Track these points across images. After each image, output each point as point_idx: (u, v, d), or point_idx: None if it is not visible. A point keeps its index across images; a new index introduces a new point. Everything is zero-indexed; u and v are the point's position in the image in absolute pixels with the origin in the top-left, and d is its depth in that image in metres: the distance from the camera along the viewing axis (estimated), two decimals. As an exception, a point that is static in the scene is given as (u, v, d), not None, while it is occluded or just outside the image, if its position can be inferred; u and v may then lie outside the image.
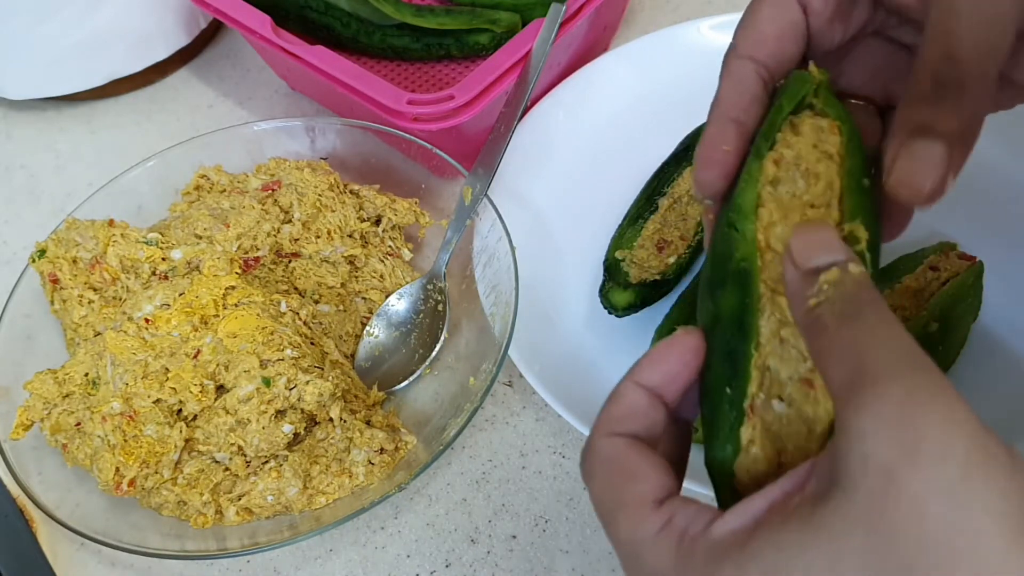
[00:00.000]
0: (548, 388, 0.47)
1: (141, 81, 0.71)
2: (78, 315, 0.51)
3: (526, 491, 0.48)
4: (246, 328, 0.48)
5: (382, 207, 0.56)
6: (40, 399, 0.48)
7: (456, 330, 0.53)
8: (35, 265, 0.52)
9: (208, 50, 0.75)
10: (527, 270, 0.52)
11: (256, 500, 0.46)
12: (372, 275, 0.54)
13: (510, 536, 0.47)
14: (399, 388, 0.51)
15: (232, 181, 0.57)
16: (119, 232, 0.52)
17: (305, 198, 0.54)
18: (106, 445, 0.46)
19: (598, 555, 0.46)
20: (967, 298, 0.48)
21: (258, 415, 0.46)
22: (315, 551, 0.48)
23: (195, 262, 0.51)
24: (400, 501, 0.49)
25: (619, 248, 0.52)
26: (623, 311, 0.50)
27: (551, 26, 0.53)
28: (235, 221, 0.52)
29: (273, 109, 0.69)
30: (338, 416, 0.47)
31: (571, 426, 0.46)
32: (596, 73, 0.61)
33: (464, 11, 0.64)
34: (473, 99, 0.52)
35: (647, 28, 0.64)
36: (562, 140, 0.58)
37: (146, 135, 0.69)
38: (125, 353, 0.48)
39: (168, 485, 0.46)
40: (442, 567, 0.46)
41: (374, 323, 0.53)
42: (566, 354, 0.50)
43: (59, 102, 0.71)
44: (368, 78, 0.53)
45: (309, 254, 0.54)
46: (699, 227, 0.53)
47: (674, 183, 0.54)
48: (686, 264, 0.52)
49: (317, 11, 0.65)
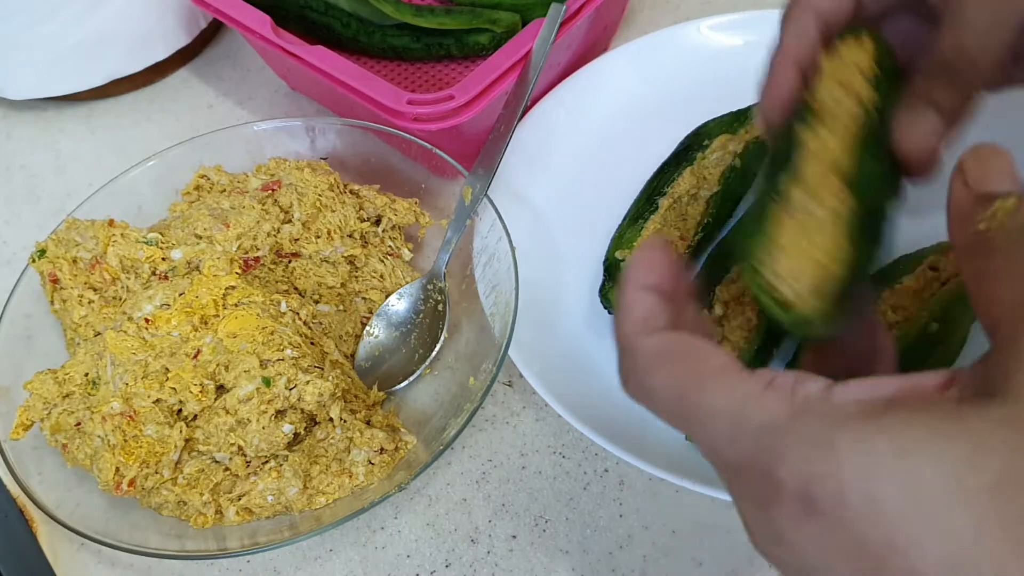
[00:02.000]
0: (548, 388, 0.47)
1: (141, 81, 0.71)
2: (78, 315, 0.51)
3: (526, 491, 0.48)
4: (246, 328, 0.48)
5: (382, 207, 0.56)
6: (40, 399, 0.48)
7: (456, 330, 0.53)
8: (35, 265, 0.52)
9: (208, 50, 0.75)
10: (527, 270, 0.52)
11: (256, 500, 0.46)
12: (372, 275, 0.54)
13: (510, 536, 0.47)
14: (399, 388, 0.51)
15: (232, 181, 0.57)
16: (119, 232, 0.52)
17: (305, 198, 0.54)
18: (106, 445, 0.46)
19: (598, 555, 0.46)
20: (966, 298, 0.48)
21: (258, 415, 0.46)
22: (315, 551, 0.48)
23: (195, 262, 0.51)
24: (400, 501, 0.49)
25: (619, 248, 0.52)
26: (623, 311, 0.50)
27: (551, 26, 0.53)
28: (235, 221, 0.52)
29: (273, 109, 0.69)
30: (338, 416, 0.47)
31: (571, 426, 0.46)
32: (596, 73, 0.61)
33: (464, 11, 0.64)
34: (473, 99, 0.52)
35: (647, 28, 0.64)
36: (562, 140, 0.58)
37: (146, 135, 0.69)
38: (125, 353, 0.48)
39: (168, 485, 0.46)
40: (442, 567, 0.46)
41: (374, 323, 0.53)
42: (566, 354, 0.50)
43: (59, 102, 0.71)
44: (368, 78, 0.53)
45: (309, 254, 0.54)
46: (699, 227, 0.53)
47: (674, 183, 0.54)
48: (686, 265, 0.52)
49: (317, 11, 0.65)
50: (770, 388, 0.24)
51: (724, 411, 0.24)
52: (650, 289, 0.29)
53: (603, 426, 0.45)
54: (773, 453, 0.23)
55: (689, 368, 0.26)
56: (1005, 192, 0.25)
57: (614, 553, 0.45)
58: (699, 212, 0.53)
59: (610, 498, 0.47)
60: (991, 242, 0.25)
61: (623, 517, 0.47)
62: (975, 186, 0.26)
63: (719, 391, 0.25)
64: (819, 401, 0.23)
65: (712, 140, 0.56)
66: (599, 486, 0.48)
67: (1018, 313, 0.23)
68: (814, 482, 0.22)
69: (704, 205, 0.54)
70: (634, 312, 0.28)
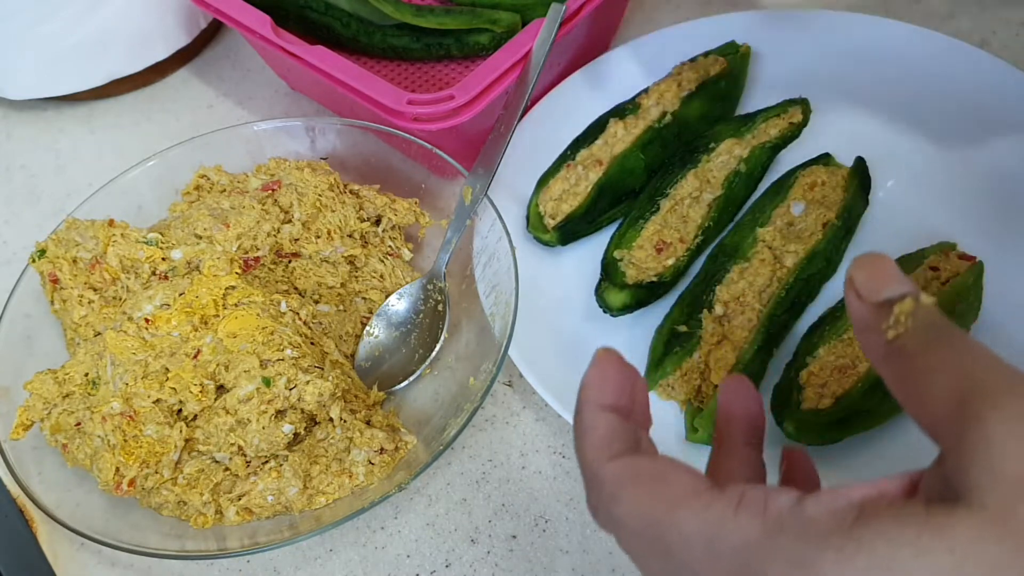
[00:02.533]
0: (548, 388, 0.47)
1: (141, 81, 0.71)
2: (78, 315, 0.51)
3: (526, 491, 0.48)
4: (246, 328, 0.48)
5: (382, 207, 0.56)
6: (40, 399, 0.48)
7: (456, 330, 0.53)
8: (35, 265, 0.52)
9: (208, 50, 0.75)
10: (527, 270, 0.52)
11: (256, 500, 0.46)
12: (372, 275, 0.54)
13: (510, 536, 0.47)
14: (399, 388, 0.51)
15: (232, 181, 0.57)
16: (119, 232, 0.52)
17: (305, 198, 0.54)
18: (106, 445, 0.46)
19: (598, 555, 0.46)
20: (967, 298, 0.48)
21: (258, 415, 0.46)
22: (315, 551, 0.48)
23: (195, 262, 0.51)
24: (400, 501, 0.49)
25: (618, 248, 0.53)
26: (618, 311, 0.50)
27: (551, 26, 0.53)
28: (235, 221, 0.52)
29: (273, 109, 0.69)
30: (338, 416, 0.47)
31: (571, 426, 0.45)
32: (596, 73, 0.61)
33: (464, 11, 0.64)
34: (473, 99, 0.52)
35: (647, 28, 0.64)
36: (562, 140, 0.58)
37: (146, 135, 0.69)
38: (125, 353, 0.48)
39: (168, 485, 0.46)
40: (442, 567, 0.46)
41: (374, 323, 0.53)
42: (566, 354, 0.50)
43: (59, 102, 0.71)
44: (368, 78, 0.53)
45: (309, 254, 0.54)
46: (699, 230, 0.53)
47: (677, 184, 0.54)
48: (683, 267, 0.52)
49: (317, 11, 0.65)
50: (741, 507, 0.24)
51: (698, 535, 0.24)
52: (608, 408, 0.28)
53: (603, 426, 0.45)
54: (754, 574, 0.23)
55: (656, 493, 0.25)
56: (899, 295, 0.25)
57: (614, 553, 0.45)
58: (700, 215, 0.53)
59: (610, 498, 0.47)
60: (905, 349, 0.24)
61: (623, 517, 0.47)
62: (869, 297, 0.26)
63: (690, 515, 0.24)
64: (792, 516, 0.23)
65: (718, 143, 0.56)
66: (599, 486, 0.48)
67: (953, 411, 0.23)
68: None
69: (706, 208, 0.54)
70: (593, 435, 0.27)
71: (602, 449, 0.27)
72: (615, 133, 0.57)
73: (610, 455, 0.27)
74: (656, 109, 0.58)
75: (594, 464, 0.27)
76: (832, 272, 0.52)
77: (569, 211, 0.55)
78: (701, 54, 0.60)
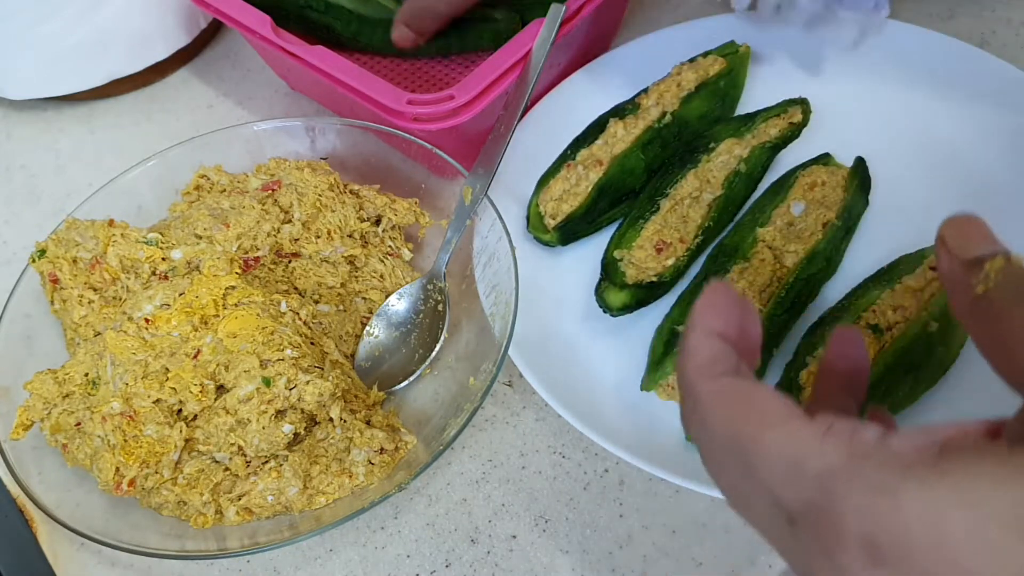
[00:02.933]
0: (548, 388, 0.47)
1: (141, 81, 0.71)
2: (78, 315, 0.51)
3: (526, 491, 0.48)
4: (246, 328, 0.48)
5: (382, 207, 0.56)
6: (40, 399, 0.48)
7: (456, 330, 0.53)
8: (35, 265, 0.52)
9: (208, 50, 0.75)
10: (527, 270, 0.52)
11: (256, 500, 0.46)
12: (372, 275, 0.54)
13: (510, 536, 0.47)
14: (399, 388, 0.51)
15: (232, 181, 0.57)
16: (119, 232, 0.52)
17: (305, 198, 0.54)
18: (106, 445, 0.46)
19: (598, 555, 0.46)
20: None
21: (258, 415, 0.46)
22: (315, 551, 0.48)
23: (195, 262, 0.51)
24: (400, 501, 0.49)
25: (618, 247, 0.52)
26: (617, 311, 0.50)
27: (551, 26, 0.53)
28: (235, 221, 0.52)
29: (273, 109, 0.69)
30: (338, 416, 0.47)
31: (571, 426, 0.46)
32: (596, 73, 0.61)
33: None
34: (473, 99, 0.52)
35: (647, 28, 0.64)
36: (562, 140, 0.58)
37: (146, 135, 0.69)
38: (125, 353, 0.48)
39: (168, 485, 0.46)
40: (442, 567, 0.46)
41: (374, 323, 0.53)
42: (566, 354, 0.50)
43: (59, 102, 0.71)
44: (368, 78, 0.53)
45: (309, 254, 0.54)
46: (699, 231, 0.53)
47: (677, 184, 0.54)
48: (683, 267, 0.52)
49: (317, 10, 0.65)
50: (829, 435, 0.24)
51: (783, 456, 0.25)
52: (716, 335, 0.29)
53: (603, 426, 0.45)
54: (835, 498, 0.23)
55: (749, 412, 0.26)
56: (990, 253, 0.26)
57: (614, 553, 0.45)
58: (700, 215, 0.53)
59: (610, 498, 0.47)
60: (993, 304, 0.25)
61: (623, 517, 0.47)
62: (960, 254, 0.27)
63: (778, 437, 0.25)
64: (877, 448, 0.23)
65: (718, 143, 0.56)
66: (599, 486, 0.48)
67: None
68: (880, 528, 0.22)
69: (706, 208, 0.54)
70: (698, 356, 0.28)
71: (704, 368, 0.28)
72: (615, 133, 0.57)
73: (711, 375, 0.28)
74: (656, 109, 0.58)
75: (694, 380, 0.28)
76: (832, 272, 0.52)
77: (569, 211, 0.55)
78: (701, 54, 0.60)
